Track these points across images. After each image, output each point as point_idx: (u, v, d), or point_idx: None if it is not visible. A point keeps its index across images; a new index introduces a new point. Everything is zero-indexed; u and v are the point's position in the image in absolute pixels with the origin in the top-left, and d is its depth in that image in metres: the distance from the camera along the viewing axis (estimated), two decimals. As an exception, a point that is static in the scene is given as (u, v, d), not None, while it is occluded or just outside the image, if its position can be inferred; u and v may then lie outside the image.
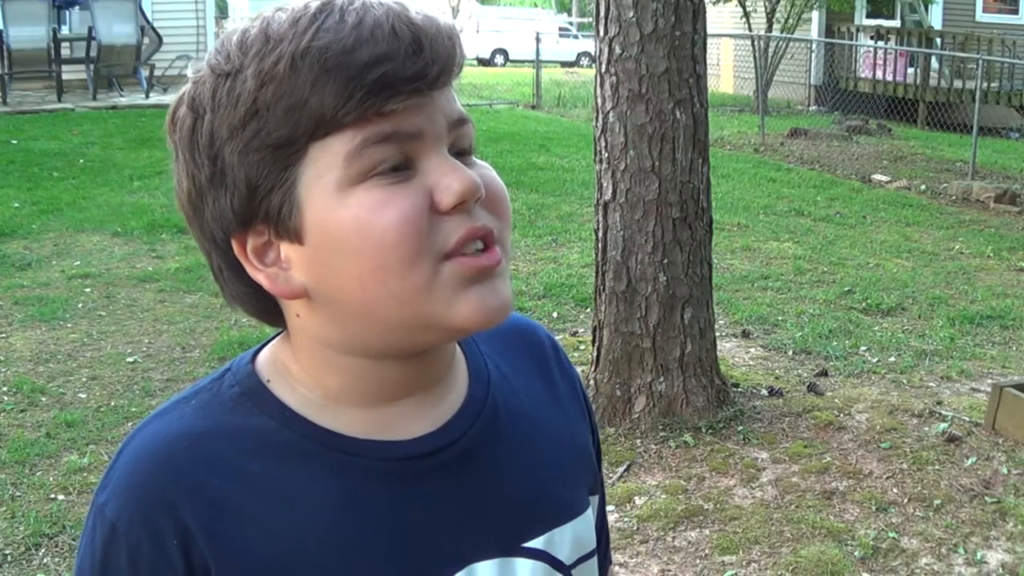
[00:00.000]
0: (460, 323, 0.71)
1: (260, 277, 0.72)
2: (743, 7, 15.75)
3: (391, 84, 0.67)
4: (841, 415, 4.01)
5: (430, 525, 0.76)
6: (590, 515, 0.87)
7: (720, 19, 17.14)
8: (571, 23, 34.43)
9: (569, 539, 0.83)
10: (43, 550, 3.03)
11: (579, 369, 4.35)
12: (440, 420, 0.78)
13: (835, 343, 5.01)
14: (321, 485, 0.74)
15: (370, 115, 0.67)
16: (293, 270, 0.72)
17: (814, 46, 16.05)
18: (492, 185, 0.74)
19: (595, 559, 0.86)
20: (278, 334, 0.80)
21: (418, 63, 0.68)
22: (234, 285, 0.76)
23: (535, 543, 0.80)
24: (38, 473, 3.47)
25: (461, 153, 0.73)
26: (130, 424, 3.79)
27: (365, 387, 0.76)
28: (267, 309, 0.76)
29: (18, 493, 3.34)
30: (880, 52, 15.24)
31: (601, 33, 3.86)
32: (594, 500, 0.90)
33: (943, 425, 3.91)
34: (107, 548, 0.72)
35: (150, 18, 13.14)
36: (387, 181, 0.69)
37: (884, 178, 10.17)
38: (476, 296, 0.71)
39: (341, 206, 0.68)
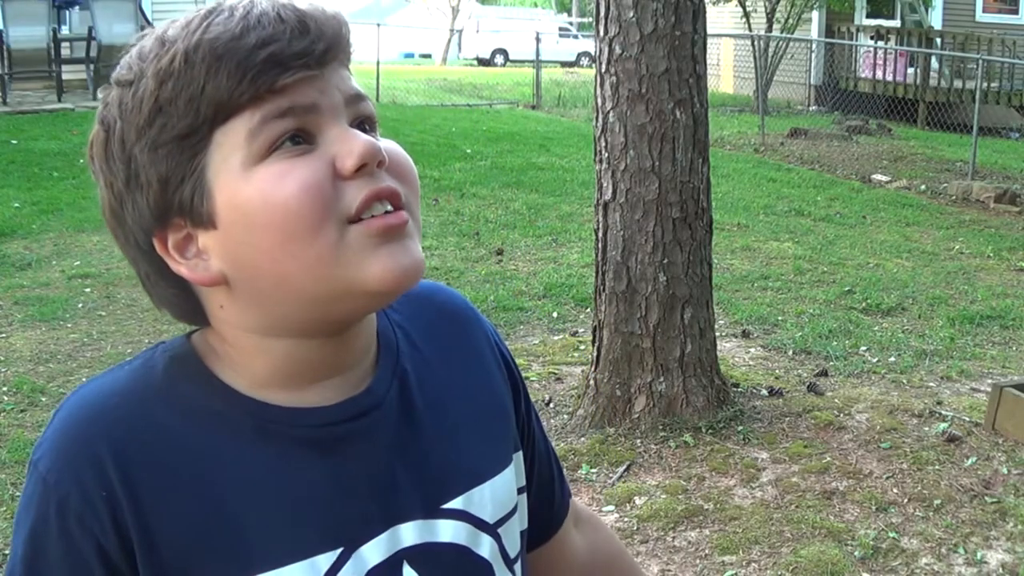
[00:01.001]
0: (373, 284, 0.73)
1: (182, 269, 0.76)
2: (743, 7, 15.75)
3: (280, 62, 0.71)
4: (841, 415, 4.01)
5: (352, 489, 0.78)
6: (510, 474, 0.89)
7: (720, 19, 17.14)
8: (571, 23, 34.44)
9: (489, 498, 0.85)
10: (43, 550, 3.02)
11: (579, 369, 4.37)
12: (356, 389, 0.81)
13: (835, 343, 5.01)
14: (246, 450, 0.76)
15: (264, 93, 0.71)
16: (211, 258, 0.75)
17: (814, 46, 16.05)
18: (396, 155, 0.77)
19: (516, 517, 0.89)
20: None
21: (304, 41, 0.72)
22: (161, 289, 0.79)
23: (454, 504, 0.83)
24: (38, 473, 3.47)
25: (363, 127, 0.76)
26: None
27: (290, 369, 0.78)
28: (193, 310, 0.80)
29: (18, 493, 3.34)
30: (880, 52, 15.24)
31: (601, 33, 3.86)
32: (518, 456, 0.93)
33: (943, 425, 3.91)
34: (39, 502, 0.74)
35: (150, 18, 13.12)
36: (289, 154, 0.72)
37: (884, 178, 10.17)
38: (386, 254, 0.73)
39: (246, 183, 0.72)
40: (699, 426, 3.83)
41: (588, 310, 5.19)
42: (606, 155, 3.88)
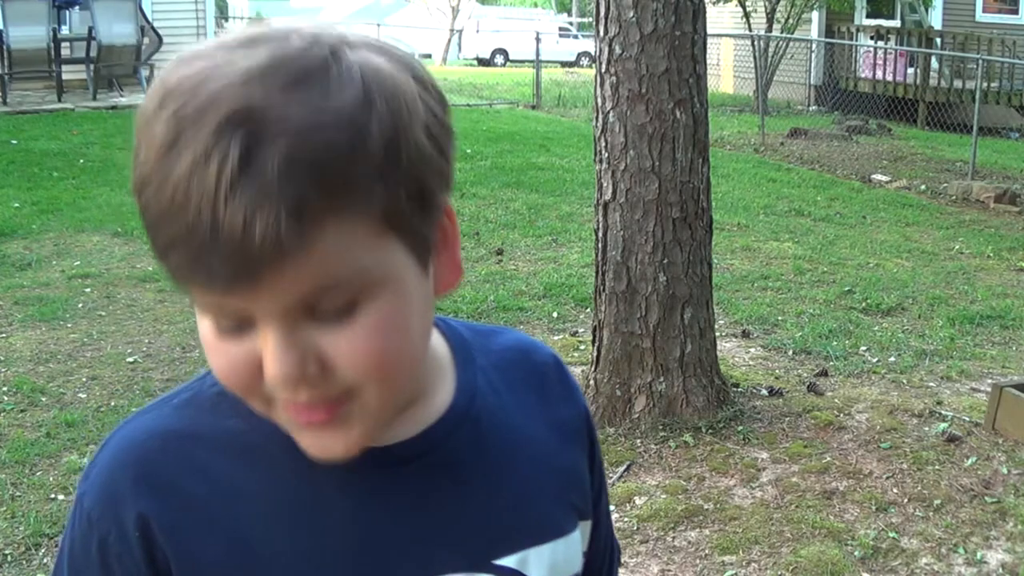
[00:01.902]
0: (307, 452, 0.71)
1: None
2: (743, 7, 15.75)
3: (183, 277, 0.62)
4: (841, 415, 4.01)
5: (394, 535, 0.75)
6: (576, 537, 0.84)
7: (720, 19, 17.15)
8: (571, 23, 34.45)
9: (547, 560, 0.80)
10: (43, 550, 3.02)
11: (579, 369, 4.37)
12: (417, 429, 0.77)
13: (835, 343, 5.01)
14: (285, 488, 0.74)
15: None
16: None
17: (814, 46, 16.05)
18: (352, 352, 0.65)
19: None
20: None
21: (199, 271, 0.60)
22: None
23: (507, 561, 0.78)
24: (38, 473, 3.48)
25: (340, 310, 0.64)
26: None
27: None
28: None
29: (18, 493, 3.34)
30: (880, 52, 15.25)
31: (601, 33, 3.85)
32: (585, 525, 0.87)
33: (943, 425, 3.91)
34: (83, 536, 0.75)
35: (150, 18, 13.13)
36: (224, 329, 0.66)
37: (884, 178, 10.17)
38: (312, 437, 0.69)
39: (199, 321, 0.68)
40: (699, 426, 3.83)
41: (588, 310, 5.19)
42: (606, 155, 3.88)
